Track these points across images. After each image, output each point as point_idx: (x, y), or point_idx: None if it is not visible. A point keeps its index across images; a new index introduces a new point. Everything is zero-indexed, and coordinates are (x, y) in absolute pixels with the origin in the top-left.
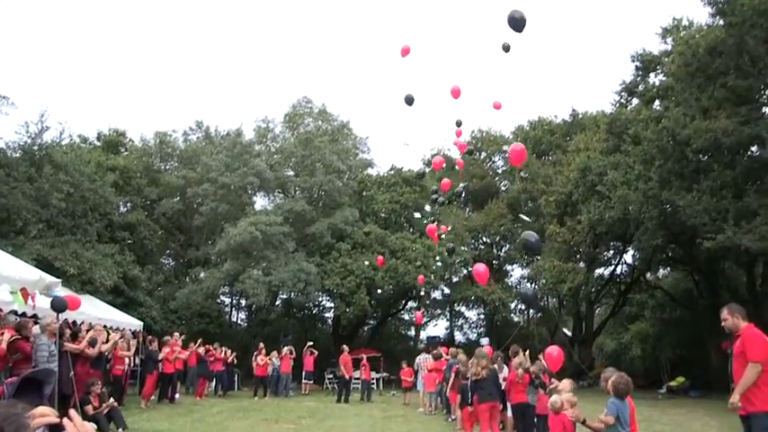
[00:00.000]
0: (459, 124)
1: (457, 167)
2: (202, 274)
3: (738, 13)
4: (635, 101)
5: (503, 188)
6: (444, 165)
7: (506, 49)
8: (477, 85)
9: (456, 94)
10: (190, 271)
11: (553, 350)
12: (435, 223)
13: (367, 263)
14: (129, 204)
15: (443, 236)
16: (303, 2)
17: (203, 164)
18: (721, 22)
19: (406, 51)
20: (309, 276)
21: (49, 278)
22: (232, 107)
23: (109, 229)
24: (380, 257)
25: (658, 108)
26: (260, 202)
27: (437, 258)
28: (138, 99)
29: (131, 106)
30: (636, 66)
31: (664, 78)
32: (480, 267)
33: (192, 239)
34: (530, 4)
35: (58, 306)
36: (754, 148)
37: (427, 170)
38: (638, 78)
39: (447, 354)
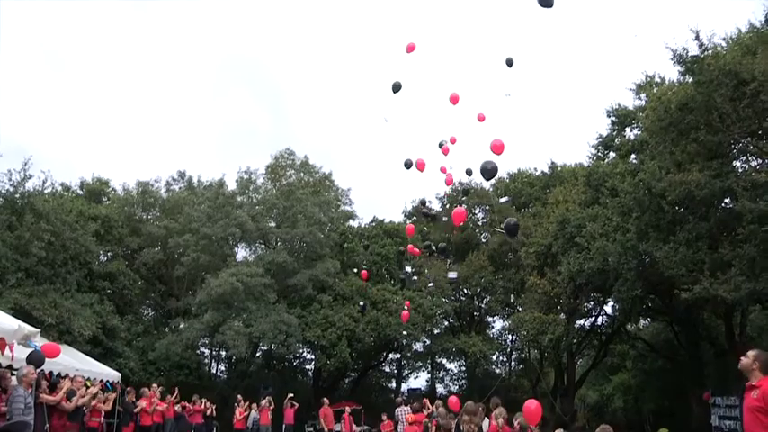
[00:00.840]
0: (440, 145)
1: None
2: (182, 325)
3: (705, 72)
4: (612, 154)
5: (483, 240)
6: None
7: (510, 63)
8: (458, 141)
9: (455, 100)
10: (170, 321)
11: (531, 404)
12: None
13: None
14: (109, 254)
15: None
16: (285, 55)
17: (185, 214)
18: (690, 80)
19: (411, 48)
20: (290, 328)
21: (28, 328)
22: (215, 158)
23: (89, 279)
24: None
25: (634, 161)
26: (241, 253)
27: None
28: (122, 148)
29: (115, 155)
30: (612, 120)
31: (638, 133)
32: (459, 209)
33: (173, 290)
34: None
35: (36, 361)
36: (727, 200)
37: (409, 222)
38: (614, 132)
39: (429, 406)
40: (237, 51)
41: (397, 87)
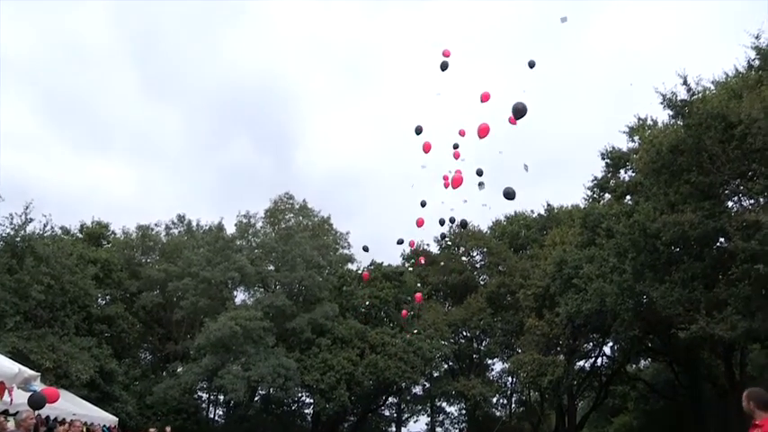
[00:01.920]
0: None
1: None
2: (180, 369)
3: (694, 115)
4: (607, 196)
5: (481, 282)
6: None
7: (531, 65)
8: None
9: (486, 98)
10: (168, 365)
11: None
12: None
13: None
14: (108, 297)
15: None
16: (287, 99)
17: (185, 258)
18: (680, 123)
19: (447, 54)
20: (289, 372)
21: (28, 372)
22: (214, 201)
23: (87, 322)
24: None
25: (629, 202)
26: (240, 296)
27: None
28: (122, 192)
29: (115, 199)
30: (606, 162)
31: (633, 174)
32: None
33: (171, 333)
34: (501, 110)
35: (37, 403)
36: (721, 240)
37: (408, 265)
38: (609, 174)
39: None
40: (239, 95)
41: (419, 130)
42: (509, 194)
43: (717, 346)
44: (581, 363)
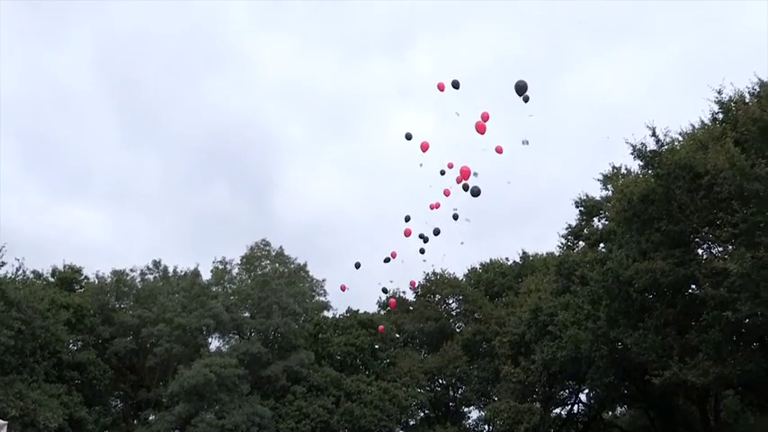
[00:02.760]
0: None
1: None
2: (152, 417)
3: (664, 166)
4: (581, 243)
5: (457, 330)
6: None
7: (524, 94)
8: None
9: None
10: (140, 413)
11: None
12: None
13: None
14: (80, 343)
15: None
16: (258, 147)
17: (159, 304)
18: (650, 173)
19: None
20: (264, 420)
21: None
22: (190, 247)
23: (57, 368)
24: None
25: (603, 250)
26: (215, 343)
27: None
28: (95, 236)
29: (88, 243)
30: (580, 210)
31: (606, 222)
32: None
33: (144, 380)
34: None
35: None
36: (693, 287)
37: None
38: (583, 222)
39: None
40: (218, 140)
41: (408, 136)
42: (521, 87)
43: (691, 393)
44: (557, 410)
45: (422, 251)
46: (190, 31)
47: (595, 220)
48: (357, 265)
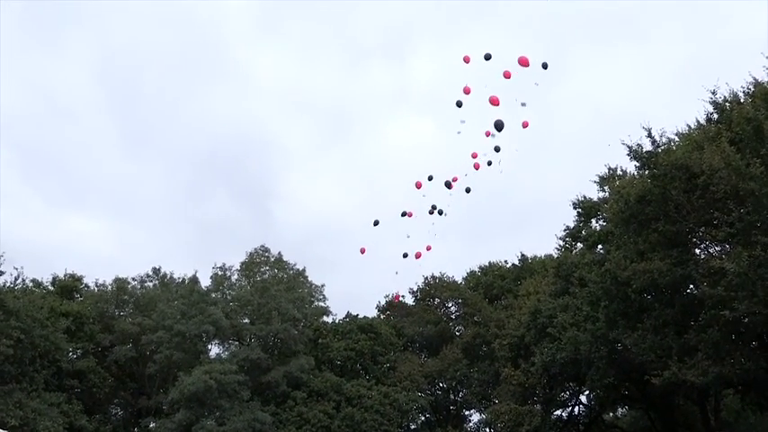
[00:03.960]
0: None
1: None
2: (153, 425)
3: (660, 166)
4: (579, 245)
5: (457, 333)
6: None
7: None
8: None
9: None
10: (140, 421)
11: None
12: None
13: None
14: (80, 351)
15: None
16: (258, 154)
17: (159, 311)
18: (647, 174)
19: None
20: (264, 426)
21: None
22: (189, 253)
23: (57, 377)
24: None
25: (601, 251)
26: (215, 350)
27: None
28: (95, 244)
29: (87, 251)
30: (578, 212)
31: (604, 224)
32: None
33: (144, 388)
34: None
35: None
36: (691, 286)
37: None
38: (581, 224)
39: None
40: (218, 148)
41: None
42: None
43: (691, 392)
44: (558, 412)
45: (440, 212)
46: (189, 40)
47: (593, 221)
48: (375, 223)
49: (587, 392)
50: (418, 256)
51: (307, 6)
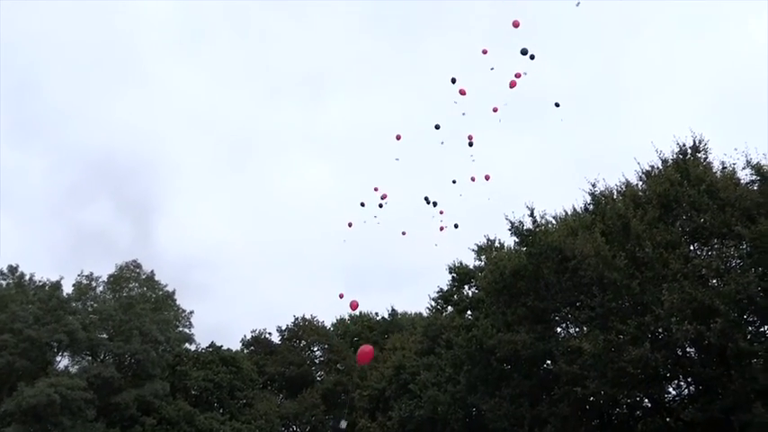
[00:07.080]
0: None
1: None
2: None
3: (536, 245)
4: (450, 308)
5: (318, 378)
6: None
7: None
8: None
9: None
10: None
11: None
12: None
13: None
14: None
15: None
16: (151, 169)
17: (10, 312)
18: (524, 250)
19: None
20: None
21: None
22: (57, 259)
23: None
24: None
25: (470, 317)
26: (65, 362)
27: None
28: None
29: None
30: (453, 276)
31: (476, 291)
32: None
33: None
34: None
35: None
36: (549, 362)
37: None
38: (454, 288)
39: None
40: (110, 156)
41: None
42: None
43: None
44: None
45: (433, 204)
46: (102, 42)
47: (466, 287)
48: (428, 202)
49: None
50: (354, 306)
51: (231, 32)
